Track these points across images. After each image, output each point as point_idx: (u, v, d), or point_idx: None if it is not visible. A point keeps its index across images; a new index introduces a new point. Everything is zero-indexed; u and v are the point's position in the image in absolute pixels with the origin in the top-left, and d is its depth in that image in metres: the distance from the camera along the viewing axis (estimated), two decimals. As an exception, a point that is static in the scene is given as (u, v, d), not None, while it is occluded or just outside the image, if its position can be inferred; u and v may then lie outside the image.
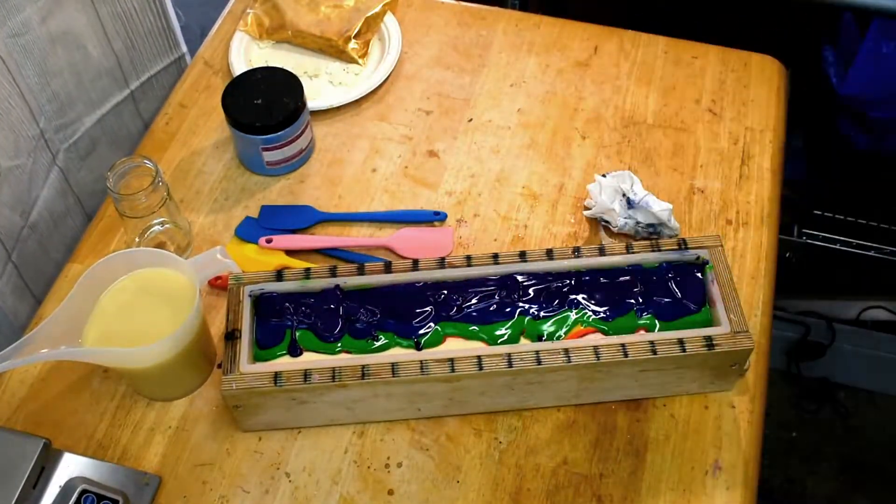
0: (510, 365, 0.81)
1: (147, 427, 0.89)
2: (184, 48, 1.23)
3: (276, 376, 0.81)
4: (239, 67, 1.16)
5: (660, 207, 0.97)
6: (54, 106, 1.01)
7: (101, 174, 1.01)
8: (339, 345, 0.84)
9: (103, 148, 1.11)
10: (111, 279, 0.86)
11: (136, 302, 0.86)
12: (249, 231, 1.03)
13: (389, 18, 1.23)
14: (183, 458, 0.87)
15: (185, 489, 0.85)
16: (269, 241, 1.01)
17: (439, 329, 0.85)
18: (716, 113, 1.15)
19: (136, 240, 0.99)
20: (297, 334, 0.85)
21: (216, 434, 0.89)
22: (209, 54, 1.22)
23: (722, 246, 0.89)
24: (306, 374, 0.81)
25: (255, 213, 1.05)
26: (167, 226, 0.99)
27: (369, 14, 1.20)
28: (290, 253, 1.01)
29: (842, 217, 1.70)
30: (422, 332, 0.85)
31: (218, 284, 0.97)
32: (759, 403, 0.91)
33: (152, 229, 0.99)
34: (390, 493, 0.85)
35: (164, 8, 1.16)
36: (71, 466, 0.82)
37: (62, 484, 0.80)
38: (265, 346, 0.84)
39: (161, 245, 1.00)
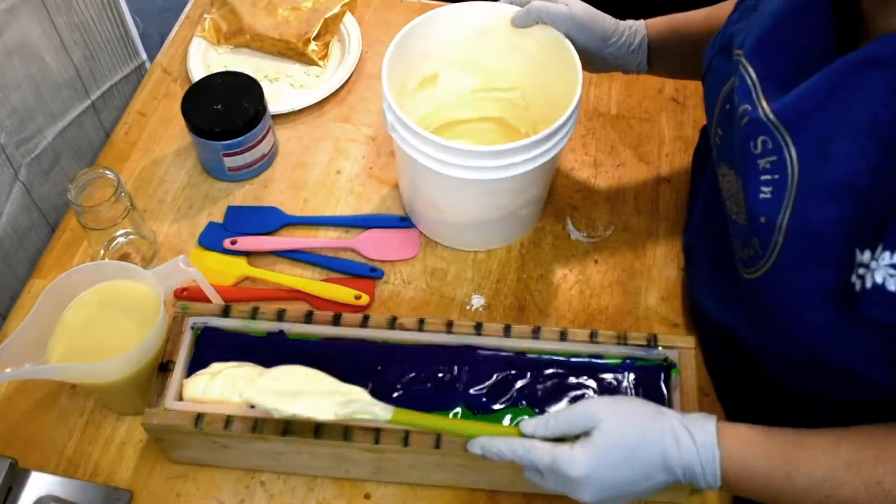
0: (438, 445, 0.76)
1: (118, 441, 0.88)
2: (143, 56, 1.22)
3: (198, 418, 0.78)
4: (198, 73, 1.15)
5: None
6: (14, 120, 0.99)
7: (64, 187, 0.99)
8: None
9: (66, 161, 1.10)
10: (74, 293, 0.85)
11: (101, 315, 0.85)
12: (213, 238, 1.02)
13: (348, 19, 1.22)
14: (156, 471, 0.86)
15: (158, 502, 0.84)
16: (233, 243, 1.00)
17: None
18: (679, 102, 1.16)
19: (101, 252, 0.98)
20: None
21: (188, 445, 0.87)
22: (167, 61, 1.21)
23: (695, 348, 0.82)
24: (228, 421, 0.78)
25: (219, 220, 1.04)
26: (131, 237, 0.98)
27: (328, 15, 1.19)
28: (254, 257, 1.00)
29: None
30: None
31: (184, 296, 0.96)
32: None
33: (116, 241, 0.97)
34: (367, 496, 0.85)
35: (122, 16, 1.14)
36: (39, 485, 0.81)
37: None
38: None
39: (126, 256, 0.99)
